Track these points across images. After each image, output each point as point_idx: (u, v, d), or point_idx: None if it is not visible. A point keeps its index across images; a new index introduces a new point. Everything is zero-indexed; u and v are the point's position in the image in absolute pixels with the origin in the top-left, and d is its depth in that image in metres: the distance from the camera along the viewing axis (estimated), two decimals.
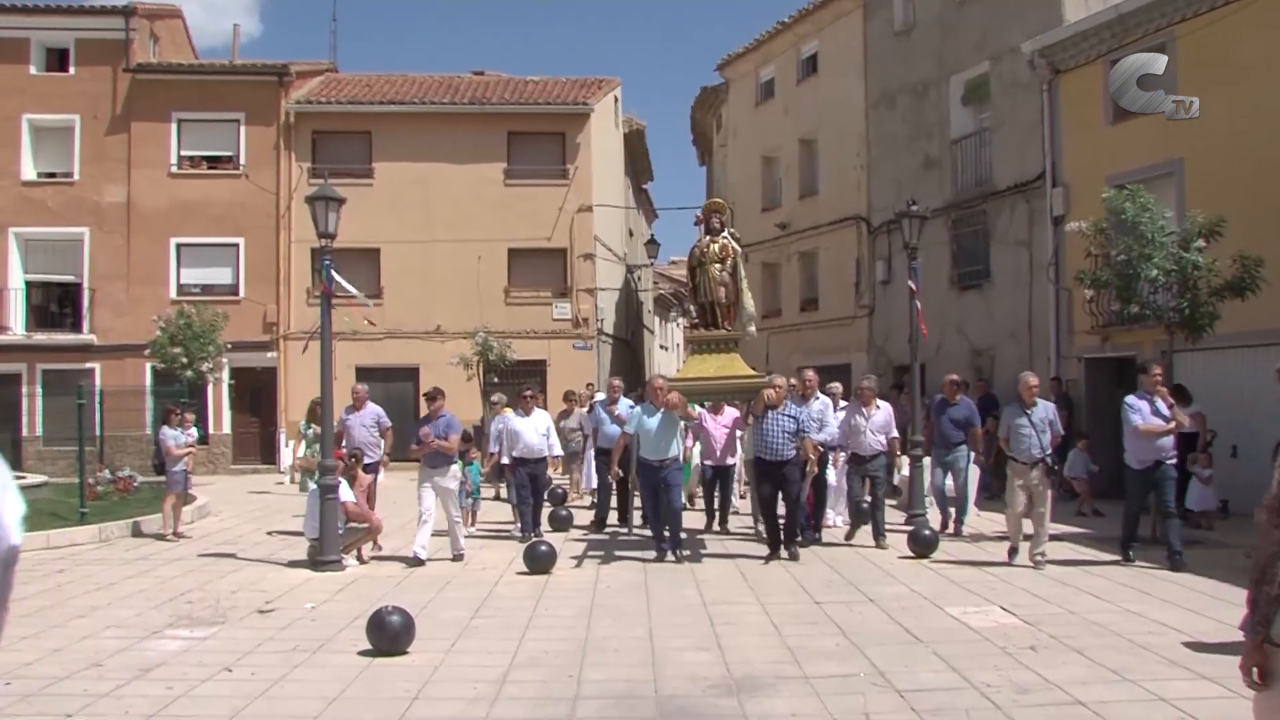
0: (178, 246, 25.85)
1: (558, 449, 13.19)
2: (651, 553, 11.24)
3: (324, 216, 11.41)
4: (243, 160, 26.13)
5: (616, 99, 31.59)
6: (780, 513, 11.24)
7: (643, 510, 12.60)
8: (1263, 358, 13.96)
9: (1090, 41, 17.07)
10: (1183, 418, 10.76)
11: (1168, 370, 11.76)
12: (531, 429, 12.65)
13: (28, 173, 25.84)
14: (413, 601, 8.50)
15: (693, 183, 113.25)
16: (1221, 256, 12.07)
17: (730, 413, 13.10)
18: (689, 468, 13.44)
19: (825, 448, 12.13)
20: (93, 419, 20.64)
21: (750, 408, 11.67)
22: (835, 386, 13.60)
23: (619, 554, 11.57)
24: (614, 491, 13.81)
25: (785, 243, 27.16)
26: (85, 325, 25.71)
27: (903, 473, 14.25)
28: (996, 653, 7.12)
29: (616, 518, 13.72)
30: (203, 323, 21.52)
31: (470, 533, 13.11)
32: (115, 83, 25.80)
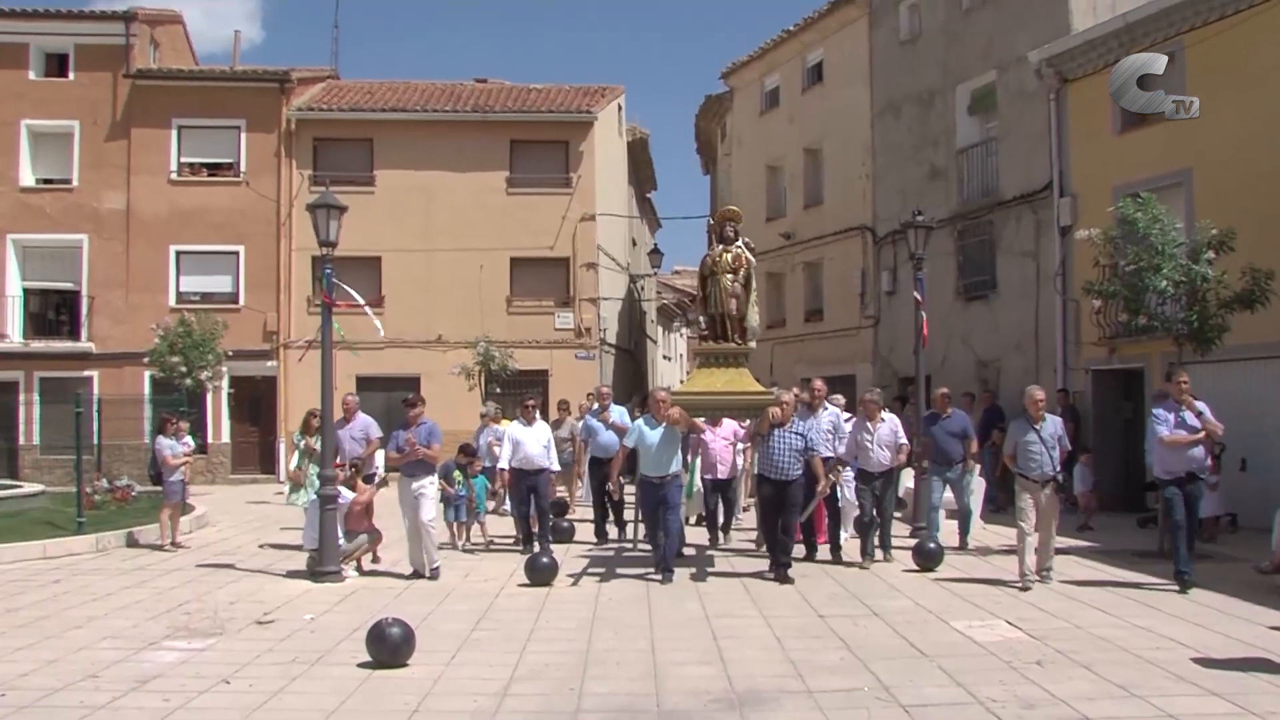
0: (177, 254, 25.80)
1: (556, 465, 12.94)
2: (653, 567, 11.08)
3: (325, 224, 11.36)
4: (243, 167, 26.10)
5: (620, 107, 31.56)
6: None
7: (645, 525, 12.39)
8: (1272, 370, 13.91)
9: (1098, 50, 16.99)
10: (1215, 426, 10.11)
11: None
12: (533, 439, 12.44)
13: (26, 179, 25.80)
14: (413, 613, 8.43)
15: (697, 192, 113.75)
16: (1230, 268, 11.99)
17: (729, 425, 12.88)
18: (691, 488, 13.14)
19: (842, 463, 11.63)
20: (90, 428, 20.51)
21: (755, 426, 11.28)
22: (838, 399, 13.15)
23: (620, 568, 11.44)
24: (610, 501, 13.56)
25: (790, 253, 27.07)
26: (84, 333, 25.64)
27: (907, 485, 14.09)
28: (1002, 667, 7.06)
29: (616, 531, 13.55)
30: (202, 331, 21.45)
31: (469, 546, 13.05)
32: (115, 88, 25.76)
